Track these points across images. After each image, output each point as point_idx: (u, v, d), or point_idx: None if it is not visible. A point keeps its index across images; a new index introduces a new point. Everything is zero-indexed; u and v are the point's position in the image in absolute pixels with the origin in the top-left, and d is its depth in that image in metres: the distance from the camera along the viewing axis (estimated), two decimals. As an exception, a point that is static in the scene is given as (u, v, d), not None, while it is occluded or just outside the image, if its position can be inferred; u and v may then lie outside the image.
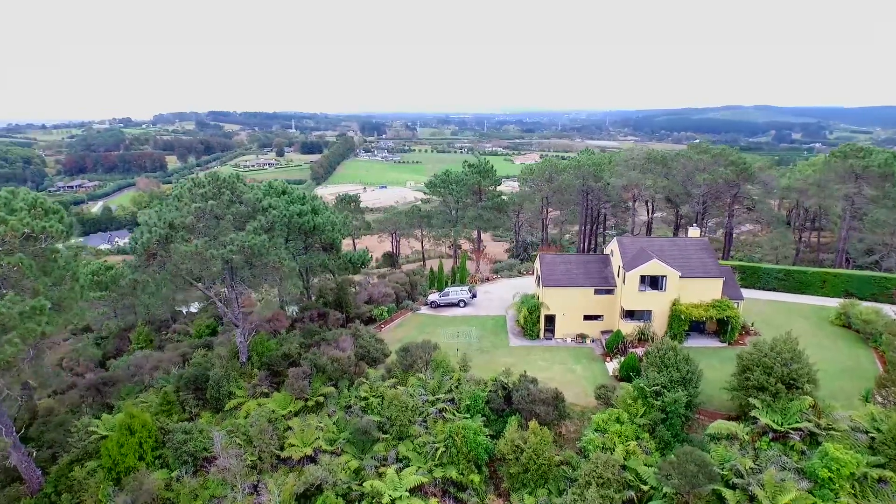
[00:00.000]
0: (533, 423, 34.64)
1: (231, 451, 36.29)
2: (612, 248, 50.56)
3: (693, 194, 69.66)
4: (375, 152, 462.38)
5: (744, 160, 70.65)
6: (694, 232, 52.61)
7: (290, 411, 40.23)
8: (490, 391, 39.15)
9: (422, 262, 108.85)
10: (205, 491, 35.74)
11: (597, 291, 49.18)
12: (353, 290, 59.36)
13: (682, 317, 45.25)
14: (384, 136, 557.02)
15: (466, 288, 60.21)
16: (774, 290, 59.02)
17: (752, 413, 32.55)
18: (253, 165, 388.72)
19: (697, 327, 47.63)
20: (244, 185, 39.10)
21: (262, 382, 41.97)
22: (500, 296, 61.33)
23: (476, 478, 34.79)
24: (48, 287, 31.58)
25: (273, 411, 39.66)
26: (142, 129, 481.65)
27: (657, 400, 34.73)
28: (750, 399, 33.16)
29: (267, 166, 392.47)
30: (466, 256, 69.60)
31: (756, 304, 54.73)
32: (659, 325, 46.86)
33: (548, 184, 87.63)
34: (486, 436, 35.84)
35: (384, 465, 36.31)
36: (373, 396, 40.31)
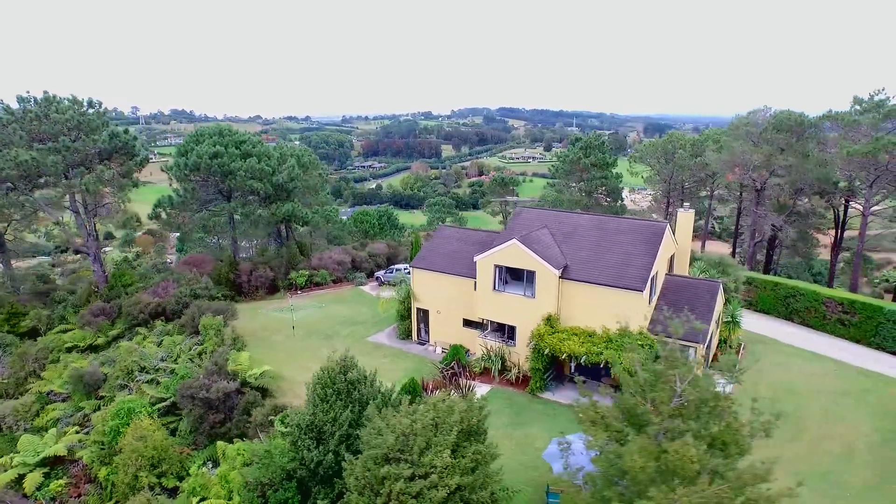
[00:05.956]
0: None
1: (-3, 368, 35.95)
2: (524, 226, 32.98)
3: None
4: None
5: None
6: (685, 216, 30.69)
7: (78, 346, 37.69)
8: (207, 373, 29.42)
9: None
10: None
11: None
12: (300, 250, 53.58)
13: (539, 347, 26.40)
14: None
15: (416, 268, 48.06)
16: None
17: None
18: (518, 158, 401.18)
19: (594, 371, 27.40)
20: (69, 108, 37.39)
21: (89, 314, 40.34)
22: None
23: (104, 472, 26.44)
24: None
25: (63, 342, 37.82)
26: (437, 121, 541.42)
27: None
28: None
29: (531, 159, 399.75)
30: (419, 237, 54.50)
31: (843, 369, 29.49)
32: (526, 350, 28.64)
33: (665, 164, 65.03)
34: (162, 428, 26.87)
35: (80, 425, 30.96)
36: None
